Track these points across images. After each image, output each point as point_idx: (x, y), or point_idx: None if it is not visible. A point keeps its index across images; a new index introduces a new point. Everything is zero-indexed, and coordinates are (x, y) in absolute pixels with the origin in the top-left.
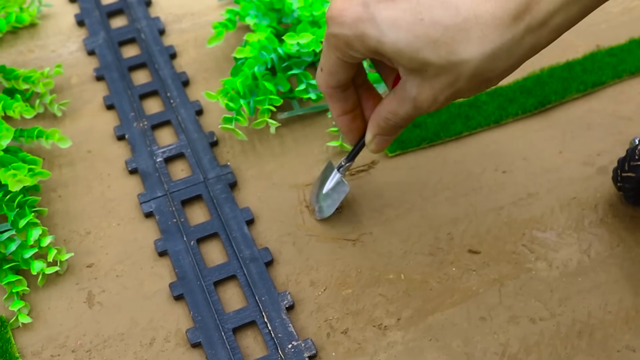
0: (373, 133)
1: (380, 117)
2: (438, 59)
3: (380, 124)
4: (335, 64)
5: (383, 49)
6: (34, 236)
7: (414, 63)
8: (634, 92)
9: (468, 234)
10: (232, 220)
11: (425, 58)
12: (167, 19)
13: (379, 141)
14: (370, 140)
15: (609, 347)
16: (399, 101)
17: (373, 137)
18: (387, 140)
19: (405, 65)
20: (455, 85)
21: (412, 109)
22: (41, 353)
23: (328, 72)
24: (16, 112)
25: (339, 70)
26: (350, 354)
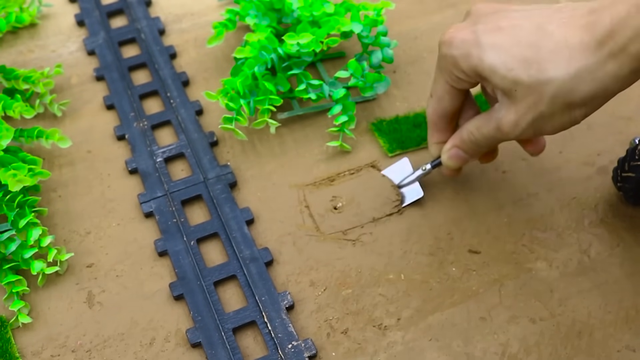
0: (452, 143)
1: (464, 129)
2: (528, 78)
3: (463, 137)
4: (443, 89)
5: (482, 67)
6: (34, 236)
7: (506, 81)
8: (634, 92)
9: (468, 234)
10: (232, 220)
11: (516, 76)
12: (167, 19)
13: (454, 154)
14: (447, 149)
15: (609, 347)
16: (485, 120)
17: (451, 147)
18: (461, 157)
19: (498, 83)
20: (538, 108)
21: (494, 129)
22: (41, 353)
23: (437, 98)
24: (16, 112)
25: (446, 97)
26: (350, 354)
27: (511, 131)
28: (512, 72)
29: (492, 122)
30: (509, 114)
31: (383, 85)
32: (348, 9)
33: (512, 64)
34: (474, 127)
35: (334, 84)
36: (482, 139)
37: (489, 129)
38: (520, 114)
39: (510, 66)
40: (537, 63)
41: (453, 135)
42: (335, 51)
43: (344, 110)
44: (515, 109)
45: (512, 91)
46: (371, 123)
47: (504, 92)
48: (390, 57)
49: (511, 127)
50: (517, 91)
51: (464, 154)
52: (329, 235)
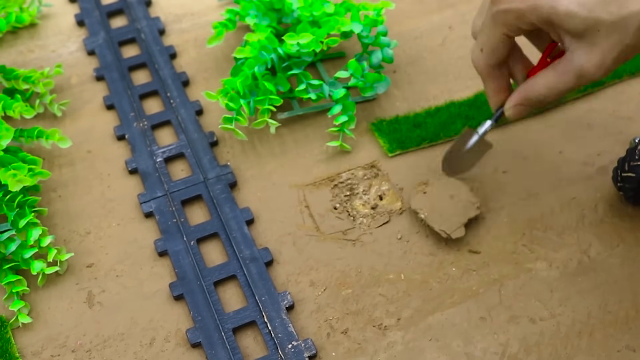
0: (516, 101)
1: (532, 90)
2: (609, 16)
3: (530, 97)
4: (498, 41)
5: (556, 14)
6: (34, 236)
7: (587, 23)
8: (634, 92)
9: (468, 234)
10: (232, 220)
11: (597, 17)
12: (167, 19)
13: (519, 110)
14: (510, 107)
15: (609, 347)
16: (559, 74)
17: (515, 104)
18: (527, 110)
19: (576, 28)
20: (624, 42)
21: (575, 79)
22: (41, 353)
23: (490, 51)
24: (16, 112)
25: (500, 47)
26: (350, 354)
27: (596, 72)
28: (592, 13)
29: (570, 73)
30: (592, 56)
31: (383, 85)
32: (348, 9)
33: (590, 4)
34: (544, 88)
35: (334, 84)
36: (556, 94)
37: (566, 82)
38: (606, 52)
39: (589, 7)
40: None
41: (515, 94)
42: (335, 51)
43: (344, 110)
44: (599, 49)
45: (593, 32)
46: (371, 123)
47: (581, 36)
48: (390, 57)
49: (597, 68)
50: (599, 31)
51: (530, 108)
52: (329, 235)
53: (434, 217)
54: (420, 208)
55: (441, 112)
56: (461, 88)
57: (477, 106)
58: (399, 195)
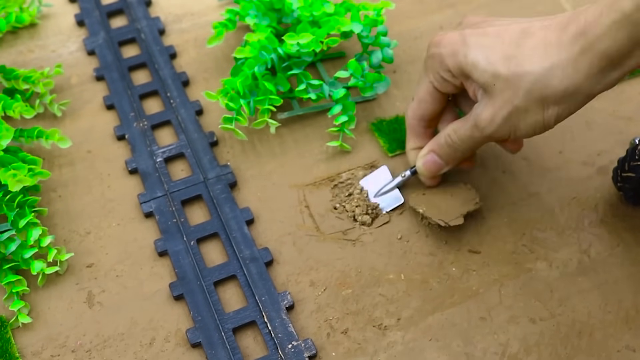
0: (429, 148)
1: (442, 134)
2: (506, 71)
3: (440, 141)
4: (426, 92)
5: (466, 63)
6: (34, 236)
7: (486, 75)
8: (634, 92)
9: (468, 234)
10: (232, 220)
11: (496, 70)
12: (167, 19)
13: (430, 159)
14: (423, 155)
15: (609, 347)
16: (464, 120)
17: (427, 152)
18: (437, 163)
19: (479, 78)
20: (514, 102)
21: (471, 127)
22: (41, 353)
23: (418, 100)
24: (16, 112)
25: (428, 99)
26: (350, 354)
27: (487, 126)
28: (492, 66)
29: (470, 120)
30: (486, 109)
31: (383, 85)
32: (348, 9)
33: (494, 59)
34: (452, 130)
35: (334, 84)
36: (459, 141)
37: (466, 129)
38: (497, 107)
39: (492, 60)
40: (516, 58)
41: (430, 141)
42: (335, 51)
43: (344, 110)
44: (492, 103)
45: (491, 85)
46: (371, 123)
47: (483, 88)
48: (390, 57)
49: (487, 122)
50: (495, 85)
51: (440, 159)
52: (329, 235)
53: (432, 212)
54: (419, 204)
55: None
56: None
57: None
58: None
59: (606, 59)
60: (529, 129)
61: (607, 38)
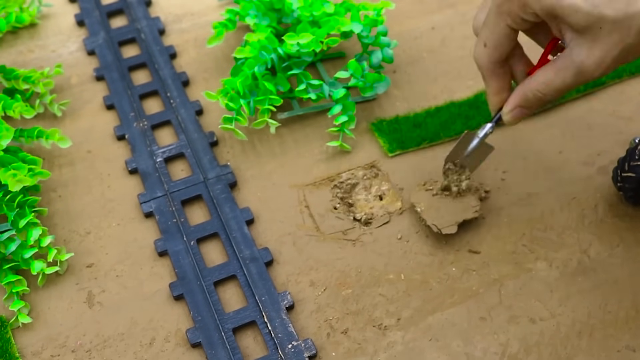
0: (515, 103)
1: (529, 88)
2: (614, 12)
3: (528, 96)
4: (502, 35)
5: (560, 6)
6: (34, 236)
7: (590, 19)
8: (634, 92)
9: (468, 234)
10: (232, 220)
11: (601, 12)
12: (167, 19)
13: (518, 113)
14: (509, 110)
15: (609, 347)
16: (558, 70)
17: (513, 107)
18: (525, 114)
19: (578, 22)
20: (626, 41)
21: (573, 76)
22: (41, 353)
23: (493, 46)
24: (16, 112)
25: (504, 41)
26: (350, 354)
27: (596, 70)
28: (597, 9)
29: (570, 69)
30: (592, 53)
31: (383, 85)
32: (348, 8)
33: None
34: (542, 85)
35: (334, 84)
36: (554, 92)
37: (564, 78)
38: (607, 50)
39: (594, 2)
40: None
41: (514, 94)
42: (335, 51)
43: (344, 110)
44: (600, 46)
45: (595, 28)
46: (371, 123)
47: (583, 31)
48: (390, 57)
49: (597, 65)
50: (602, 28)
51: (528, 110)
52: (329, 235)
53: (430, 213)
54: (419, 202)
55: (441, 112)
56: (461, 88)
57: (477, 106)
58: (399, 195)
59: None
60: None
61: None
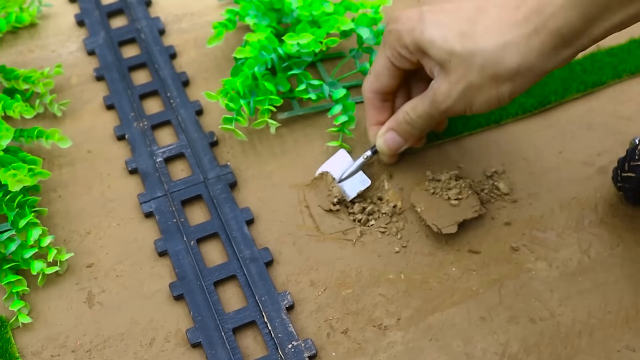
0: (387, 127)
1: (400, 112)
2: (461, 48)
3: (399, 119)
4: (383, 66)
5: (422, 40)
6: (34, 236)
7: (442, 52)
8: (634, 92)
9: (468, 234)
10: (232, 220)
11: (451, 47)
12: (167, 19)
13: (390, 137)
14: (382, 133)
15: (609, 347)
16: (422, 97)
17: (386, 130)
18: (397, 141)
19: (435, 55)
20: (468, 77)
21: (429, 103)
22: (41, 353)
23: (375, 74)
24: (16, 112)
25: (385, 73)
26: (350, 354)
27: (443, 101)
28: (448, 44)
29: (427, 97)
30: (442, 85)
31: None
32: (347, 7)
33: (449, 36)
34: (410, 108)
35: (334, 84)
36: (417, 118)
37: (424, 105)
38: (452, 83)
39: (448, 38)
40: (470, 36)
41: (389, 120)
42: (335, 51)
43: (344, 110)
44: (448, 79)
45: (446, 62)
46: None
47: (440, 64)
48: None
49: (444, 97)
50: (451, 62)
51: (399, 137)
52: (329, 235)
53: (429, 213)
54: (419, 202)
55: None
56: None
57: None
58: (399, 195)
59: (559, 37)
60: (483, 104)
61: (560, 17)
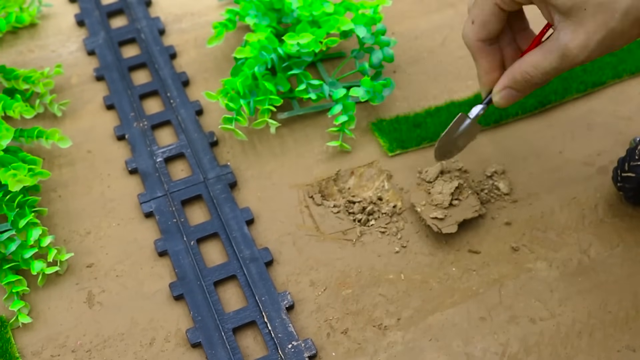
0: (504, 84)
1: (518, 69)
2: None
3: (517, 77)
4: (490, 13)
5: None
6: (34, 236)
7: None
8: (634, 92)
9: (468, 234)
10: (232, 220)
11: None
12: (167, 19)
13: (507, 94)
14: (498, 91)
15: (609, 347)
16: (545, 52)
17: (503, 88)
18: (515, 95)
19: (564, 4)
20: (609, 25)
21: (558, 58)
22: (41, 353)
23: (481, 23)
24: (16, 112)
25: (492, 19)
26: (350, 354)
27: (580, 54)
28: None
29: (555, 52)
30: (576, 36)
31: (389, 89)
32: (347, 8)
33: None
34: (530, 66)
35: (334, 84)
36: (541, 74)
37: (551, 61)
38: (590, 33)
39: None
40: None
41: (504, 75)
42: (335, 51)
43: (344, 110)
44: (583, 29)
45: (580, 10)
46: (371, 123)
47: (567, 13)
48: (390, 56)
49: (580, 49)
50: (586, 10)
51: (517, 92)
52: (329, 235)
53: (429, 212)
54: (419, 202)
55: (441, 112)
56: (461, 88)
57: None
58: (399, 195)
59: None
60: (624, 44)
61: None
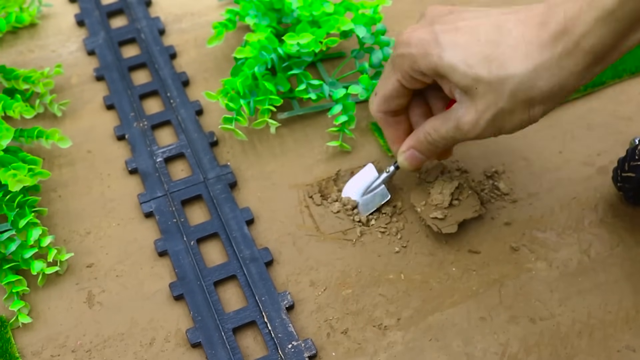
0: (408, 145)
1: (421, 131)
2: (488, 74)
3: (419, 138)
4: (391, 88)
5: (442, 65)
6: (34, 236)
7: (467, 79)
8: (634, 92)
9: (468, 234)
10: (232, 220)
11: (477, 73)
12: (167, 19)
13: (410, 155)
14: (403, 151)
15: (609, 347)
16: (444, 119)
17: (407, 148)
18: (418, 158)
19: (458, 81)
20: (498, 104)
21: (453, 129)
22: (41, 353)
23: (382, 97)
24: (16, 112)
25: (393, 94)
26: (350, 354)
27: (471, 130)
28: (472, 69)
29: (451, 121)
30: (469, 113)
31: None
32: (347, 8)
33: (472, 61)
34: (431, 128)
35: (334, 84)
36: (440, 139)
37: (447, 129)
38: (481, 111)
39: (471, 63)
40: (496, 60)
41: (409, 137)
42: (335, 51)
43: (344, 110)
44: (475, 107)
45: (472, 89)
46: (371, 123)
47: (463, 91)
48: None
49: (471, 125)
50: (477, 89)
51: (420, 155)
52: (329, 235)
53: (429, 212)
54: (419, 202)
55: None
56: None
57: None
58: (399, 196)
59: (592, 56)
60: (515, 127)
61: (592, 36)
